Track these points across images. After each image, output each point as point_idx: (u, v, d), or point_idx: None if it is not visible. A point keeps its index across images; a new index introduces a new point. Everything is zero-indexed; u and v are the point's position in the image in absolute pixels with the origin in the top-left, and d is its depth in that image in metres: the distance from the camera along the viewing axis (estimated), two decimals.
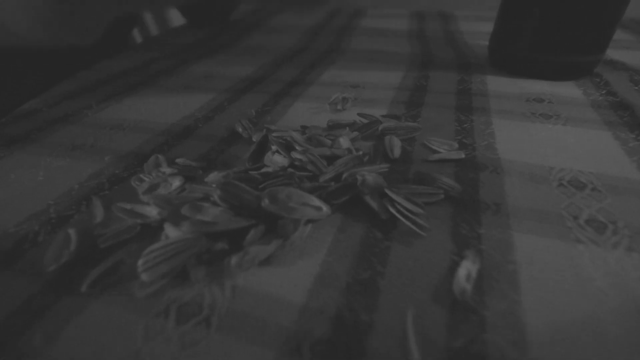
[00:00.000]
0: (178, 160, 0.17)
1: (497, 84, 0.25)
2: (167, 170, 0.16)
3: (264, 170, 0.15)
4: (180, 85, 0.27)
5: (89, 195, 0.15)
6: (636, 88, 0.24)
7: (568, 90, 0.24)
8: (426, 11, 0.49)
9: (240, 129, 0.19)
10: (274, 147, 0.16)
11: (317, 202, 0.13)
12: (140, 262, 0.11)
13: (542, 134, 0.19)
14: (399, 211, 0.13)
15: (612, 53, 0.31)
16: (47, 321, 0.10)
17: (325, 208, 0.13)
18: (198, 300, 0.11)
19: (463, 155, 0.17)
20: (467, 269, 0.12)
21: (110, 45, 0.40)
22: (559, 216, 0.14)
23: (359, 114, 0.20)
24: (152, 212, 0.13)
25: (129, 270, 0.12)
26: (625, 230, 0.13)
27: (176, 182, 0.15)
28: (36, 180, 0.16)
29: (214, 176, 0.15)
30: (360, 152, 0.16)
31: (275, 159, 0.16)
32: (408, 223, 0.13)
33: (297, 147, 0.16)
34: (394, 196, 0.13)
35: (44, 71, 0.33)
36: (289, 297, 0.11)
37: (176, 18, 0.55)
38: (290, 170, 0.15)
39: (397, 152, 0.17)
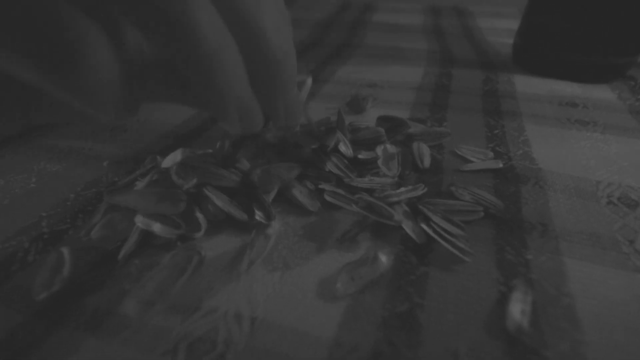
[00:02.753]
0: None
1: (526, 84, 0.24)
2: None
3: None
4: None
5: (86, 206, 0.14)
6: None
7: (602, 93, 0.23)
8: (440, 5, 0.47)
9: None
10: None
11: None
12: None
13: (581, 142, 0.17)
14: (437, 232, 0.11)
15: None
16: None
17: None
18: (211, 336, 0.09)
19: (501, 165, 0.15)
20: (519, 302, 0.10)
21: None
22: (613, 240, 0.12)
23: (380, 117, 0.18)
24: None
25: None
26: None
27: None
28: (28, 187, 0.15)
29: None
30: (395, 177, 0.14)
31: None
32: (448, 247, 0.11)
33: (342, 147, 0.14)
34: (430, 215, 0.12)
35: None
36: (317, 331, 0.10)
37: None
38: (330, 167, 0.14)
39: (427, 161, 0.15)
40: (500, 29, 0.37)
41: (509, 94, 0.22)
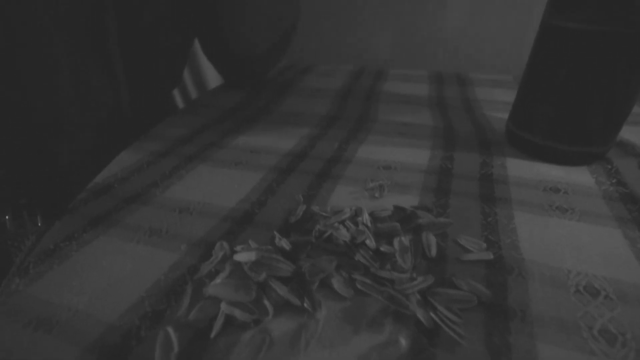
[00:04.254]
0: (237, 248, 0.20)
1: (516, 168, 0.28)
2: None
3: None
4: (231, 160, 0.30)
5: (175, 287, 0.18)
6: None
7: (581, 177, 0.27)
8: (443, 72, 0.53)
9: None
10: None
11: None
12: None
13: (559, 231, 0.22)
14: (441, 319, 0.16)
15: (622, 131, 0.34)
16: None
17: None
18: None
19: (492, 257, 0.19)
20: None
21: (155, 106, 0.45)
22: (576, 326, 0.16)
23: (395, 207, 0.23)
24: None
25: None
26: (633, 343, 0.15)
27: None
28: (126, 269, 0.19)
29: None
30: (410, 270, 0.18)
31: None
32: (450, 332, 0.15)
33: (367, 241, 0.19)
34: (436, 305, 0.16)
35: (99, 140, 0.37)
36: None
37: (212, 79, 0.60)
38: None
39: (433, 251, 0.19)
40: (497, 101, 0.42)
41: (502, 178, 0.27)
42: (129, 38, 0.33)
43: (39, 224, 0.35)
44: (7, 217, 0.34)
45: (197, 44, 0.46)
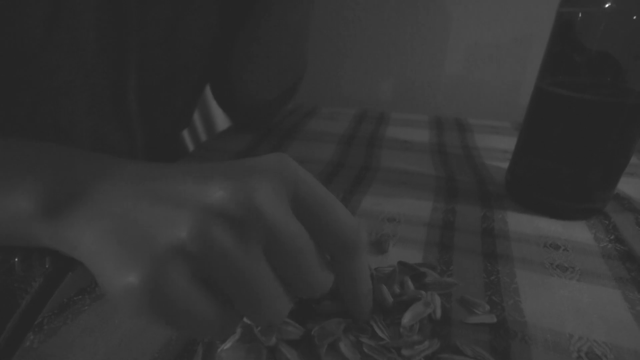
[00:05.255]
0: None
1: (517, 223, 0.29)
2: None
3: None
4: None
5: (186, 349, 0.18)
6: None
7: (580, 233, 0.28)
8: (443, 117, 0.55)
9: None
10: None
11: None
12: None
13: (560, 291, 0.22)
14: None
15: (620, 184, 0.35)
16: None
17: None
18: None
19: (495, 320, 0.20)
20: None
21: (166, 148, 0.46)
22: None
23: (399, 263, 0.23)
24: None
25: None
26: None
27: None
28: (136, 328, 0.20)
29: None
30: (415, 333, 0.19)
31: None
32: None
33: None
34: None
35: None
36: None
37: (221, 121, 0.62)
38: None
39: (439, 313, 0.20)
40: (496, 149, 0.43)
41: (503, 233, 0.27)
42: (146, 91, 0.34)
43: (47, 267, 0.35)
44: (16, 259, 0.35)
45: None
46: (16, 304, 0.36)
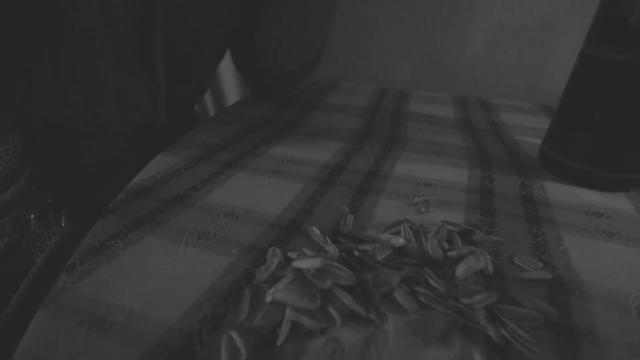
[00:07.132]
0: (290, 254, 0.19)
1: (556, 191, 0.28)
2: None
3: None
4: (269, 169, 0.30)
5: (231, 292, 0.17)
6: None
7: (621, 204, 0.27)
8: (466, 97, 0.54)
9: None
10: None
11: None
12: None
13: (610, 255, 0.21)
14: (513, 337, 0.15)
15: None
16: None
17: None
18: None
19: (550, 276, 0.19)
20: None
21: (183, 114, 0.45)
22: None
23: (444, 222, 0.23)
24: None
25: None
26: None
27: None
28: (177, 271, 0.19)
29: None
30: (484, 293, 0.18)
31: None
32: (523, 350, 0.15)
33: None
34: (506, 322, 0.16)
35: (129, 145, 0.37)
36: None
37: (231, 97, 0.61)
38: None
39: (491, 268, 0.19)
40: (524, 126, 0.43)
41: (544, 200, 0.27)
42: (171, 47, 0.33)
43: (63, 225, 0.34)
44: (32, 216, 0.33)
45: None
46: (31, 262, 0.34)
